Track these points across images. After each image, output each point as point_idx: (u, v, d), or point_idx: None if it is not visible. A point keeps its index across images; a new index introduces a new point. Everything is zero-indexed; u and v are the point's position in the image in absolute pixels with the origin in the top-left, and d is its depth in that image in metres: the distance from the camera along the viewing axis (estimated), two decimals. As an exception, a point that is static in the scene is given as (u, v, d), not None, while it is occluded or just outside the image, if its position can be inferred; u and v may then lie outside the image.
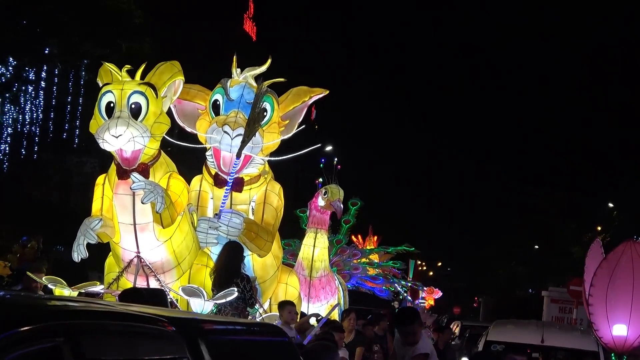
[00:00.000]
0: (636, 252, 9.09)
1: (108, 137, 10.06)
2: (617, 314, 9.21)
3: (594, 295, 9.29)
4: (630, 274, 9.04)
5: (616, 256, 9.21)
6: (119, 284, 11.01)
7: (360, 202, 22.66)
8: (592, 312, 9.42)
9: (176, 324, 4.63)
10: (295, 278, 13.65)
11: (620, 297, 9.18)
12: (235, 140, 11.47)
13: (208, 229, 11.36)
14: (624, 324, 9.23)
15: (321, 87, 12.97)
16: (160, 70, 10.82)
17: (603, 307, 9.26)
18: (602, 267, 9.28)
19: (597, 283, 9.22)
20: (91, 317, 4.30)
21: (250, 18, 54.69)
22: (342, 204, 17.11)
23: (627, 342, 9.28)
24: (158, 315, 4.68)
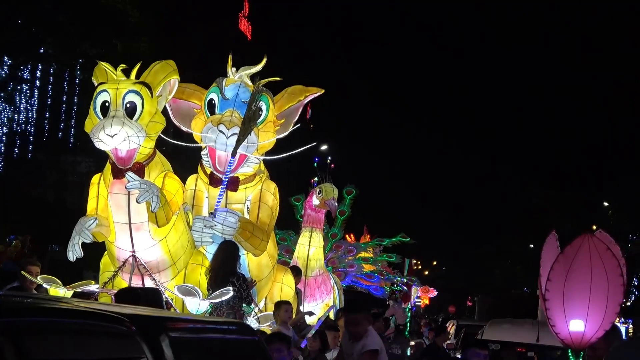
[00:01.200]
0: (594, 246, 9.00)
1: (103, 137, 10.05)
2: (574, 309, 9.12)
3: (550, 290, 9.19)
4: (588, 269, 8.95)
5: (573, 250, 9.09)
6: (114, 283, 11.00)
7: (356, 190, 22.61)
8: (548, 308, 9.32)
9: (137, 323, 4.46)
10: (291, 277, 13.64)
11: (577, 292, 9.09)
12: (231, 140, 11.47)
13: (203, 228, 11.35)
14: (581, 319, 9.16)
15: (316, 87, 12.97)
16: (155, 69, 10.82)
17: (560, 302, 9.19)
18: (559, 261, 9.10)
19: (554, 277, 9.12)
20: (38, 314, 4.13)
21: (246, 17, 54.67)
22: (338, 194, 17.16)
23: (585, 337, 9.20)
24: (117, 313, 4.49)
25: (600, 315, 9.03)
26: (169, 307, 10.64)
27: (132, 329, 4.34)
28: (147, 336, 4.39)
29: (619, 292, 9.04)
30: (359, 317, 8.01)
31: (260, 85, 11.82)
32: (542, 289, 9.30)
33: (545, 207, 56.99)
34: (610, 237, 9.57)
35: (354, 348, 7.80)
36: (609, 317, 9.09)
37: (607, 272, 8.92)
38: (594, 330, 9.07)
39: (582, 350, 9.20)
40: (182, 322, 5.35)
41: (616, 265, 8.99)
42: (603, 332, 9.08)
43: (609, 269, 8.94)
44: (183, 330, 5.05)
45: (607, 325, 9.10)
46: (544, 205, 57.49)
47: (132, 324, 4.38)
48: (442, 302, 72.44)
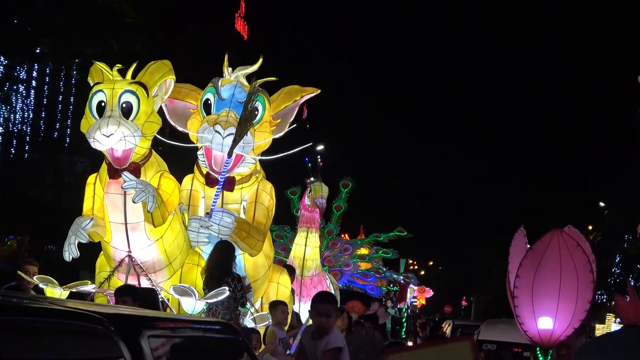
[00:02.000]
0: (563, 242, 8.82)
1: (99, 137, 10.05)
2: (543, 307, 8.93)
3: (519, 287, 8.97)
4: (558, 265, 8.75)
5: (543, 246, 8.91)
6: (110, 283, 10.99)
7: (352, 183, 22.60)
8: (517, 305, 9.12)
9: (115, 322, 4.34)
10: (287, 277, 13.63)
11: (546, 289, 8.90)
12: (227, 140, 11.47)
13: (199, 228, 11.35)
14: (550, 316, 9.00)
15: (312, 86, 12.97)
16: (151, 69, 10.82)
17: (529, 299, 9.00)
18: (528, 257, 8.97)
19: (523, 274, 8.93)
20: (10, 313, 3.97)
21: (242, 17, 54.64)
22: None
23: (554, 335, 9.03)
24: (94, 312, 4.33)
25: (569, 312, 8.92)
26: (165, 307, 10.64)
27: (110, 328, 4.24)
28: (126, 336, 4.29)
29: (588, 290, 8.92)
30: (331, 308, 7.78)
31: (256, 85, 11.82)
32: (511, 286, 9.15)
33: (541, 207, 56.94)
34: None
35: (317, 346, 7.56)
36: (579, 314, 8.98)
37: (577, 269, 8.83)
38: (563, 328, 8.90)
39: (551, 348, 9.07)
40: (163, 322, 5.20)
41: (586, 261, 8.89)
42: (572, 330, 9.01)
43: (579, 266, 8.84)
44: (163, 329, 4.93)
45: (577, 323, 9.00)
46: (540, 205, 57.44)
47: (111, 324, 4.27)
48: (438, 302, 72.42)
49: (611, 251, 51.88)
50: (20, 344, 3.78)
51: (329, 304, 7.73)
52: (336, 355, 7.53)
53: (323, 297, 8.17)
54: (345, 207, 22.77)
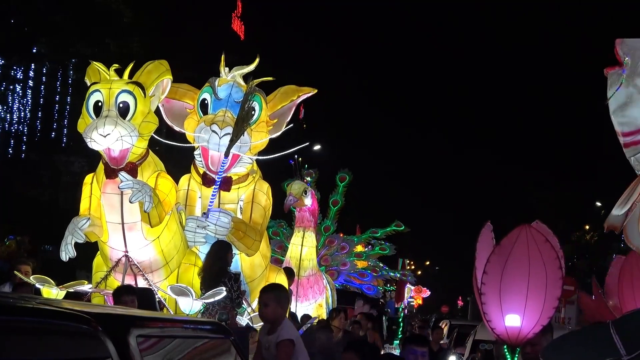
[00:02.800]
0: (531, 237, 8.63)
1: (96, 136, 10.06)
2: (511, 304, 8.72)
3: (486, 284, 8.79)
4: (526, 261, 8.50)
5: (510, 241, 8.68)
6: (107, 283, 10.99)
7: (349, 176, 22.58)
8: (484, 302, 8.85)
9: (102, 322, 4.20)
10: (284, 277, 13.65)
11: (514, 285, 8.70)
12: (224, 140, 11.47)
13: (196, 228, 11.35)
14: (518, 314, 8.82)
15: (309, 86, 12.98)
16: (148, 69, 10.83)
17: (497, 296, 8.78)
18: (496, 253, 8.81)
19: (491, 270, 8.66)
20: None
21: (239, 17, 54.64)
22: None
23: (521, 333, 8.85)
24: (80, 312, 4.19)
25: (537, 310, 8.76)
26: (161, 307, 10.65)
27: (97, 328, 4.12)
28: (113, 336, 4.17)
29: (557, 286, 8.78)
30: (268, 297, 7.71)
31: (253, 85, 11.83)
32: (478, 282, 9.00)
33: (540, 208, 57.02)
34: (549, 229, 9.28)
35: (270, 341, 7.61)
36: (547, 311, 8.81)
37: (546, 265, 8.68)
38: (531, 326, 8.73)
39: (519, 346, 8.93)
40: (152, 322, 5.06)
41: (555, 257, 8.74)
42: (540, 328, 8.82)
43: (548, 262, 8.69)
44: (152, 329, 4.81)
45: (545, 320, 8.82)
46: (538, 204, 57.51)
47: (98, 323, 4.16)
48: (435, 302, 72.45)
49: (608, 251, 51.96)
50: (4, 344, 3.71)
51: (267, 293, 7.76)
52: (287, 348, 7.56)
53: (264, 287, 8.21)
54: (342, 202, 22.73)
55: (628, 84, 7.97)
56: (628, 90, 7.97)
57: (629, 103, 7.96)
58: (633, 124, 7.97)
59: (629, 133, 8.01)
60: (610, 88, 8.10)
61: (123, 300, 8.65)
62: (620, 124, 8.03)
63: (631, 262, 10.38)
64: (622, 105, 7.99)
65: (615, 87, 8.02)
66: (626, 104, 7.97)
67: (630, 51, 8.03)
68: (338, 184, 22.62)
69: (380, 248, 24.26)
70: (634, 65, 7.98)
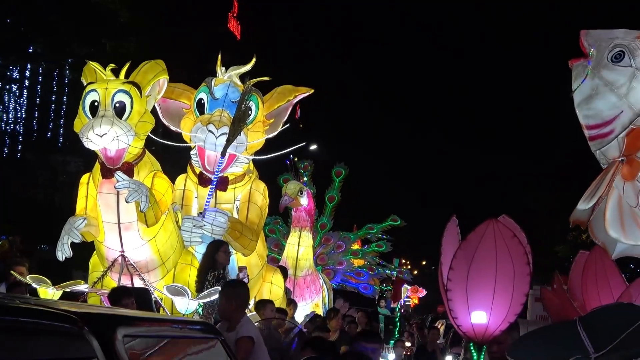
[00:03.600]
0: (499, 232, 8.34)
1: (92, 136, 10.04)
2: (478, 300, 8.32)
3: (453, 280, 8.62)
4: (493, 256, 8.37)
5: (477, 237, 8.40)
6: (103, 283, 10.99)
7: (345, 170, 22.57)
8: (450, 299, 8.64)
9: (88, 321, 4.14)
10: (280, 277, 13.64)
11: (481, 281, 8.45)
12: (220, 139, 11.47)
13: (192, 227, 11.35)
14: (485, 310, 8.56)
15: (306, 86, 12.98)
16: (144, 69, 10.82)
17: (463, 292, 8.47)
18: (463, 248, 8.63)
19: (457, 266, 8.53)
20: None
21: (235, 17, 54.60)
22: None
23: (488, 330, 8.59)
24: (65, 311, 4.16)
25: (505, 306, 8.59)
26: (158, 307, 10.64)
27: (82, 328, 4.07)
28: (99, 335, 4.09)
29: (525, 282, 8.60)
30: (219, 294, 7.70)
31: (249, 85, 11.82)
32: (444, 278, 8.86)
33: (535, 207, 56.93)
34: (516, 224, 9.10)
35: (229, 338, 7.56)
36: (514, 308, 8.64)
37: (514, 261, 8.51)
38: (498, 323, 8.59)
39: (485, 343, 8.73)
40: (139, 321, 5.00)
41: (522, 253, 8.58)
42: (508, 325, 8.65)
43: (515, 257, 8.53)
44: (139, 329, 4.75)
45: (512, 317, 8.65)
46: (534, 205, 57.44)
47: (83, 323, 4.10)
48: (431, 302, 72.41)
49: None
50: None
51: (221, 290, 7.78)
52: (246, 345, 7.56)
53: (224, 284, 8.21)
54: (338, 197, 22.73)
55: (594, 76, 7.89)
56: (593, 82, 7.89)
57: (595, 95, 7.88)
58: (599, 117, 7.89)
59: (594, 126, 7.93)
60: (575, 80, 8.01)
61: (123, 303, 8.60)
62: (586, 117, 7.95)
63: (595, 257, 10.15)
64: (588, 98, 7.91)
65: (581, 79, 7.94)
66: (591, 97, 7.89)
67: (596, 42, 7.97)
68: (334, 179, 22.62)
69: (376, 245, 24.24)
70: (599, 57, 7.91)
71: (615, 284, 10.10)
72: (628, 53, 7.80)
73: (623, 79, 7.80)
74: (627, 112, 7.77)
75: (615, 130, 7.82)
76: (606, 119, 7.86)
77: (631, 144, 7.76)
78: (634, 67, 7.78)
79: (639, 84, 7.74)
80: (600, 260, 10.03)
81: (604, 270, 10.09)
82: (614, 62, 7.87)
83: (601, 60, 7.89)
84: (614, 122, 7.82)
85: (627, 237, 7.99)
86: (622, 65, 7.82)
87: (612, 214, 7.94)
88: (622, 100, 7.79)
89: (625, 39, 7.90)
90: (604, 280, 10.09)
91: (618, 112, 7.81)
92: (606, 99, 7.84)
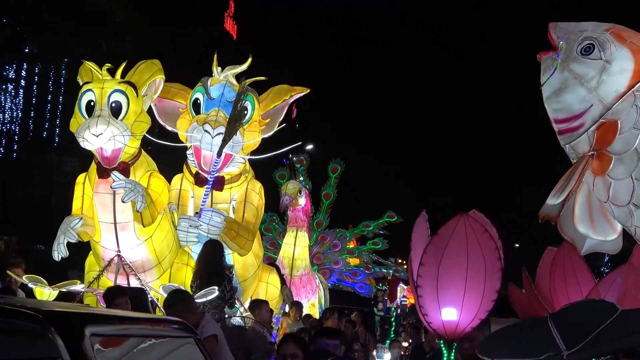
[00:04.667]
0: (470, 227, 8.11)
1: (88, 136, 10.03)
2: (448, 296, 8.23)
3: (423, 276, 8.31)
4: (464, 252, 8.11)
5: (448, 232, 8.18)
6: (100, 282, 10.98)
7: (341, 166, 22.54)
8: (420, 295, 8.39)
9: (53, 320, 4.03)
10: (276, 277, 13.65)
11: (452, 277, 8.16)
12: (216, 139, 11.48)
13: (189, 227, 11.35)
14: (455, 307, 8.32)
15: (302, 86, 12.98)
16: (140, 69, 10.82)
17: (434, 288, 8.06)
18: (433, 243, 8.34)
19: (427, 262, 8.25)
20: None
21: (231, 17, 54.58)
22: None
23: (459, 327, 8.33)
24: (30, 309, 4.07)
25: (476, 303, 8.35)
26: (154, 307, 10.64)
27: (47, 326, 3.95)
28: (65, 335, 3.96)
29: (496, 278, 8.33)
30: (175, 311, 7.66)
31: (245, 84, 11.82)
32: (414, 274, 8.53)
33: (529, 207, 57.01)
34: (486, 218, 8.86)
35: None
36: (486, 305, 8.39)
37: (485, 256, 8.25)
38: (469, 320, 8.36)
39: (456, 341, 8.53)
40: (108, 320, 4.84)
41: (494, 248, 8.31)
42: (479, 322, 8.43)
43: (487, 253, 8.26)
44: (109, 328, 4.62)
45: (483, 314, 8.40)
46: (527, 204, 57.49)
47: (48, 322, 3.99)
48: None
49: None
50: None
51: (169, 309, 7.71)
52: (211, 344, 7.59)
53: (164, 304, 8.18)
54: (334, 194, 22.71)
55: (563, 69, 7.80)
56: (563, 76, 7.80)
57: (564, 89, 7.79)
58: (568, 110, 7.80)
59: (563, 120, 7.85)
60: (544, 73, 7.93)
61: (116, 303, 8.55)
62: (555, 111, 7.86)
63: (563, 254, 9.94)
64: (557, 91, 7.82)
65: (550, 72, 7.86)
66: (561, 90, 7.80)
67: (565, 35, 7.88)
68: (330, 175, 22.61)
69: (372, 242, 24.18)
70: (568, 50, 7.82)
71: (584, 280, 9.90)
72: (598, 46, 7.67)
73: (593, 72, 7.68)
74: (597, 106, 7.66)
75: (585, 124, 7.71)
76: (576, 112, 7.76)
77: (601, 138, 7.63)
78: (603, 60, 7.64)
79: (609, 77, 7.61)
80: (568, 256, 9.82)
81: (573, 267, 9.92)
82: (583, 55, 7.74)
83: (570, 53, 7.76)
84: (584, 115, 7.72)
85: (597, 233, 7.91)
86: (592, 58, 7.68)
87: (581, 209, 7.86)
88: (592, 94, 7.64)
89: (595, 31, 7.76)
90: (573, 276, 9.89)
91: (588, 106, 7.70)
92: (576, 93, 7.74)
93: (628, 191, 7.57)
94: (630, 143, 7.52)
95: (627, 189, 7.58)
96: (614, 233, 8.03)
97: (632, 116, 7.53)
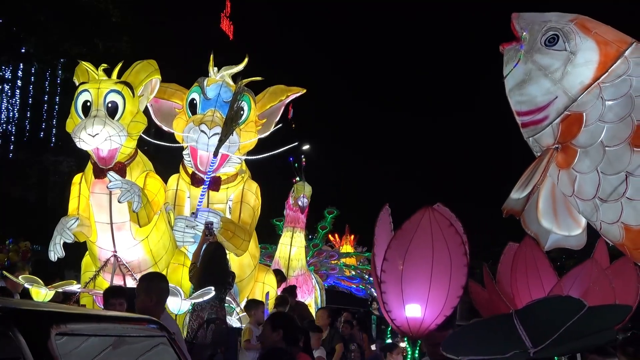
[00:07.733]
0: (435, 221, 7.95)
1: (84, 136, 10.03)
2: (413, 293, 8.05)
3: (387, 272, 8.11)
4: (429, 246, 7.93)
5: (413, 226, 7.99)
6: (96, 283, 10.97)
7: (337, 212, 22.72)
8: (384, 291, 8.19)
9: (15, 319, 3.88)
10: (273, 277, 13.64)
11: (416, 273, 7.98)
12: (212, 139, 11.47)
13: (185, 227, 11.36)
14: (420, 303, 8.13)
15: (298, 86, 12.97)
16: (136, 69, 10.81)
17: (398, 284, 8.04)
18: (397, 237, 8.13)
19: (391, 257, 8.06)
20: None
21: (227, 17, 54.57)
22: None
23: (424, 324, 8.12)
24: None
25: (441, 299, 8.13)
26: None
27: (9, 325, 3.80)
28: (27, 334, 3.82)
29: (462, 274, 8.13)
30: (137, 287, 7.53)
31: (242, 85, 11.82)
32: (377, 270, 8.33)
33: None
34: None
35: None
36: (451, 301, 8.16)
37: (450, 251, 8.04)
38: (433, 317, 8.15)
39: (420, 338, 8.26)
40: (75, 319, 4.52)
41: (459, 243, 8.09)
42: (443, 318, 8.19)
43: (452, 248, 8.06)
44: (75, 326, 4.34)
45: (448, 310, 8.17)
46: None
47: (10, 320, 3.83)
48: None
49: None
50: None
51: (138, 283, 7.60)
52: None
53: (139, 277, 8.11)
54: (330, 227, 23.01)
55: (526, 60, 7.62)
56: (526, 67, 7.61)
57: (528, 80, 7.60)
58: (532, 103, 7.61)
59: (527, 112, 7.66)
60: (507, 65, 7.75)
61: (110, 303, 8.51)
62: (518, 103, 7.66)
63: (525, 249, 9.83)
64: (520, 83, 7.63)
65: (513, 63, 7.68)
66: (524, 82, 7.61)
67: (529, 26, 7.71)
68: (326, 216, 22.83)
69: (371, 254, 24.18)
70: (532, 41, 7.64)
71: (546, 276, 9.79)
72: (562, 36, 7.47)
73: (557, 63, 7.50)
74: (561, 98, 7.46)
75: (550, 116, 7.52)
76: (540, 104, 7.57)
77: (566, 131, 7.43)
78: (568, 51, 7.43)
79: (574, 69, 7.42)
80: (530, 252, 9.70)
81: (535, 263, 9.82)
82: (547, 46, 7.56)
83: (534, 44, 7.58)
84: (548, 108, 7.53)
85: (560, 228, 7.79)
86: (557, 49, 7.47)
87: (545, 203, 7.72)
88: (557, 85, 7.44)
89: (559, 22, 7.56)
90: (535, 272, 9.79)
91: (552, 98, 7.51)
92: (540, 84, 7.54)
93: (593, 185, 7.38)
94: (596, 136, 7.33)
95: (592, 183, 7.39)
96: (578, 228, 7.88)
97: (598, 108, 7.33)
